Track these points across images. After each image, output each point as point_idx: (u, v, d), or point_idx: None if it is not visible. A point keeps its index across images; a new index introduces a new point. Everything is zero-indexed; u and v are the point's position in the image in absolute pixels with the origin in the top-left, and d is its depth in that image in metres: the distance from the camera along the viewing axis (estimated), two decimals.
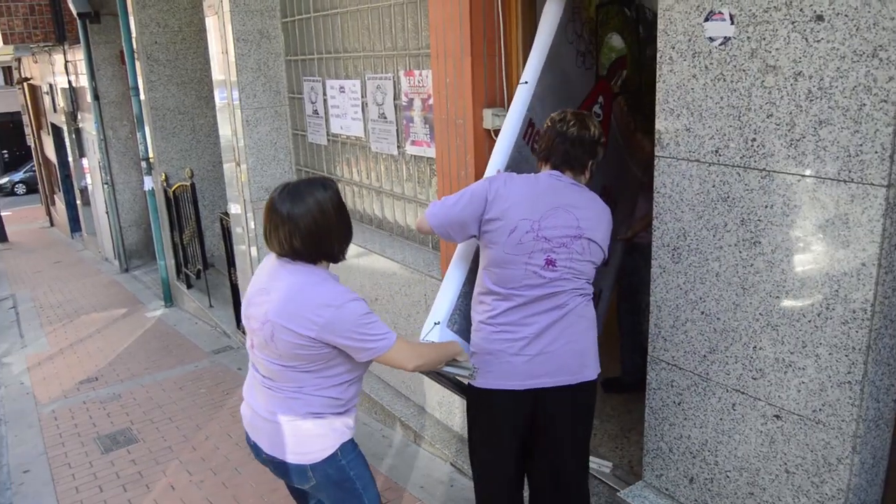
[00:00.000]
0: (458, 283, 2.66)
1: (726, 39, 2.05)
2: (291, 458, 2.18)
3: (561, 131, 2.41)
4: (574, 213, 2.35)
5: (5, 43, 11.43)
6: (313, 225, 2.08)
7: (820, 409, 2.03)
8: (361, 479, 2.28)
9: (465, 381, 2.53)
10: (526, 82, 2.77)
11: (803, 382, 2.06)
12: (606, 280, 3.52)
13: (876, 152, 1.78)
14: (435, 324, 2.58)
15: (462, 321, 2.61)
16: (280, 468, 2.25)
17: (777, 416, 2.14)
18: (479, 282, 2.48)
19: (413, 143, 4.03)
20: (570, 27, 3.00)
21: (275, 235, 2.11)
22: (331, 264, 2.21)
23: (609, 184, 3.35)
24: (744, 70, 2.03)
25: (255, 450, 2.29)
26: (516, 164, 2.71)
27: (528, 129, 2.76)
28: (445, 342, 2.49)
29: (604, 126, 3.20)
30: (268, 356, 2.15)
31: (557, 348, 2.37)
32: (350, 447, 2.26)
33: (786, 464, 2.15)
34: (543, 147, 2.47)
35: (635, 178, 3.65)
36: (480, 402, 2.55)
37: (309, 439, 2.17)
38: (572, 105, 2.99)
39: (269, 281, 2.15)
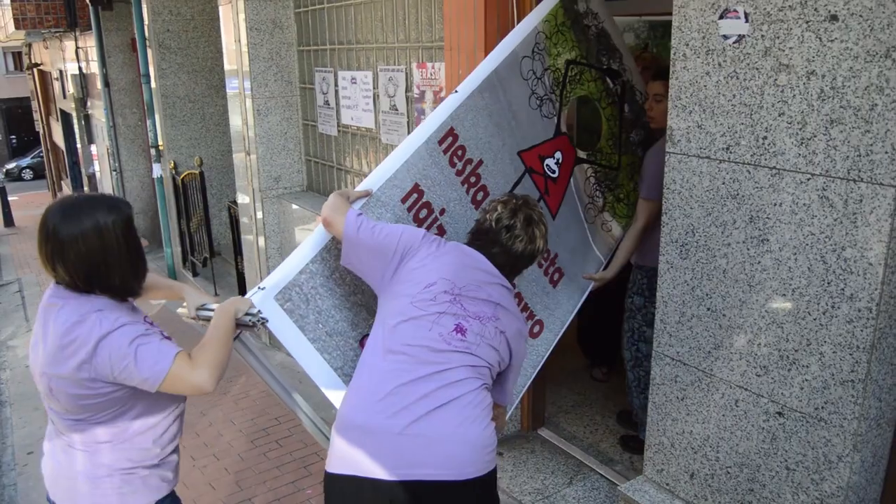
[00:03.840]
0: (307, 256, 2.29)
1: (740, 37, 2.07)
2: None
3: (506, 244, 2.16)
4: (497, 309, 2.11)
5: (17, 28, 11.51)
6: (84, 252, 1.76)
7: (822, 407, 2.05)
8: None
9: (252, 330, 2.17)
10: (457, 91, 2.66)
11: (806, 380, 2.07)
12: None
13: (886, 152, 1.80)
14: (259, 288, 2.18)
15: (300, 302, 2.24)
16: None
17: (779, 413, 2.16)
18: (371, 341, 2.10)
19: None
20: (527, 63, 2.83)
21: (41, 253, 1.80)
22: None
23: (561, 254, 3.08)
24: (757, 68, 2.04)
25: None
26: (424, 167, 2.55)
27: (449, 137, 2.62)
28: (218, 310, 2.09)
29: (558, 187, 3.02)
30: (55, 411, 1.87)
31: (448, 433, 1.93)
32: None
33: (786, 461, 2.17)
34: (480, 243, 2.19)
35: (596, 257, 3.28)
36: (338, 496, 2.02)
37: (117, 498, 1.89)
38: (514, 144, 2.82)
39: (40, 327, 1.85)
